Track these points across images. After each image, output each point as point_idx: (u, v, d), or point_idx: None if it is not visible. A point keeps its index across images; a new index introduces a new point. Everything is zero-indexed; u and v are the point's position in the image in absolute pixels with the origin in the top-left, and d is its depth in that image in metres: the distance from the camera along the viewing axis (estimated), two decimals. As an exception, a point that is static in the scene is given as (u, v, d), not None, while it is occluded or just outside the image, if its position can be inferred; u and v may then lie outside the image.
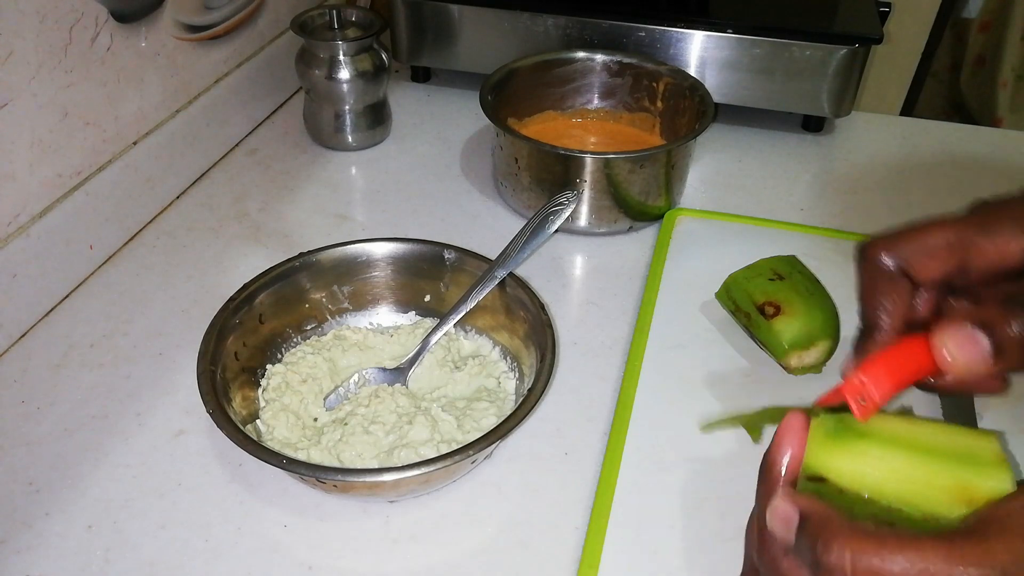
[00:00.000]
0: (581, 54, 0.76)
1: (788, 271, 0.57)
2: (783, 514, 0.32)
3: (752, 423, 0.42)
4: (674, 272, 0.64)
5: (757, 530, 0.35)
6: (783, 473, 0.34)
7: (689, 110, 0.73)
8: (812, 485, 0.33)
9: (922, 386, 0.37)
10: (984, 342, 0.32)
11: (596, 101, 0.79)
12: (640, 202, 0.68)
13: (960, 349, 0.33)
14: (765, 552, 0.33)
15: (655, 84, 0.75)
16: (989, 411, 0.53)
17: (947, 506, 0.31)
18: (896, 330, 0.37)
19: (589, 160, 0.64)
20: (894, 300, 0.36)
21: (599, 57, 0.76)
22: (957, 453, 0.33)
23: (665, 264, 0.64)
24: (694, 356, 0.57)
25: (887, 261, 0.36)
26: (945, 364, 0.33)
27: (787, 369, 0.54)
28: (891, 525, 0.31)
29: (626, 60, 0.76)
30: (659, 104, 0.76)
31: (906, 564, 0.29)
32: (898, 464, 0.33)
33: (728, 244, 0.67)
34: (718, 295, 0.59)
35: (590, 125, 0.79)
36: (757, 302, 0.55)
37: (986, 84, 1.64)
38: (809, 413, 0.35)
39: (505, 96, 0.73)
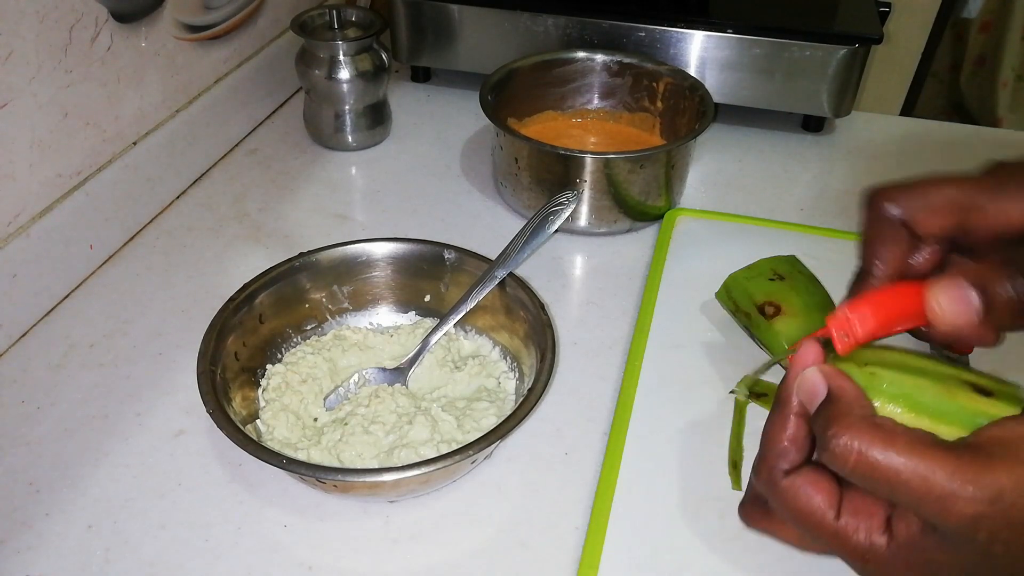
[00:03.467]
0: (581, 54, 0.76)
1: (788, 271, 0.57)
2: (812, 384, 0.33)
3: (759, 373, 0.43)
4: (674, 272, 0.64)
5: (761, 451, 0.35)
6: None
7: (689, 110, 0.73)
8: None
9: (916, 334, 0.38)
10: (975, 300, 0.33)
11: (596, 101, 0.79)
12: (640, 202, 0.68)
13: (950, 303, 0.34)
14: (765, 472, 0.34)
15: (655, 84, 0.75)
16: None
17: (962, 392, 0.32)
18: (889, 277, 0.38)
19: (589, 160, 0.64)
20: (891, 248, 0.37)
21: (599, 57, 0.76)
22: (964, 379, 0.33)
23: (665, 264, 0.64)
24: (694, 356, 0.57)
25: (890, 210, 0.37)
26: (933, 316, 0.34)
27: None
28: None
29: (626, 60, 0.76)
30: (659, 104, 0.76)
31: (907, 468, 0.29)
32: (911, 361, 0.34)
33: (728, 244, 0.67)
34: (718, 295, 0.59)
35: (590, 125, 0.79)
36: (757, 302, 0.55)
37: (986, 84, 1.64)
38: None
39: (505, 96, 0.73)
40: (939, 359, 0.34)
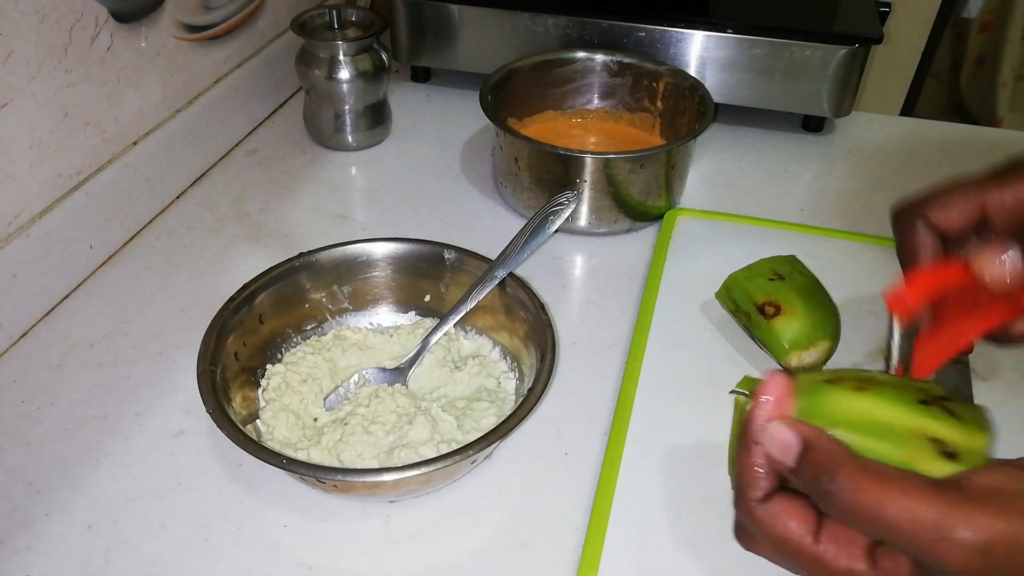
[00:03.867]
0: (581, 54, 0.76)
1: (788, 271, 0.57)
2: (783, 440, 0.33)
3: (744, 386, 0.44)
4: (674, 272, 0.64)
5: (734, 482, 0.35)
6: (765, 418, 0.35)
7: (689, 110, 0.73)
8: None
9: (995, 339, 0.41)
10: (1016, 252, 0.37)
11: (596, 101, 0.79)
12: (640, 202, 0.68)
13: (995, 262, 0.38)
14: (741, 502, 0.34)
15: (655, 84, 0.75)
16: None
17: (925, 456, 0.32)
18: (929, 263, 0.41)
19: (589, 160, 0.64)
20: (923, 248, 0.41)
21: (599, 57, 0.76)
22: (934, 414, 0.33)
23: (665, 264, 0.64)
24: (694, 356, 0.57)
25: (914, 219, 0.41)
26: (983, 272, 0.38)
27: (787, 369, 0.54)
28: None
29: (626, 60, 0.76)
30: (659, 104, 0.76)
31: (901, 510, 0.29)
32: (876, 412, 0.34)
33: (728, 244, 0.67)
34: (718, 295, 0.59)
35: (590, 125, 0.79)
36: (757, 302, 0.55)
37: (986, 84, 1.63)
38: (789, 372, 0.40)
39: (505, 96, 0.73)
40: (909, 394, 0.34)
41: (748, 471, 0.34)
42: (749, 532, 0.36)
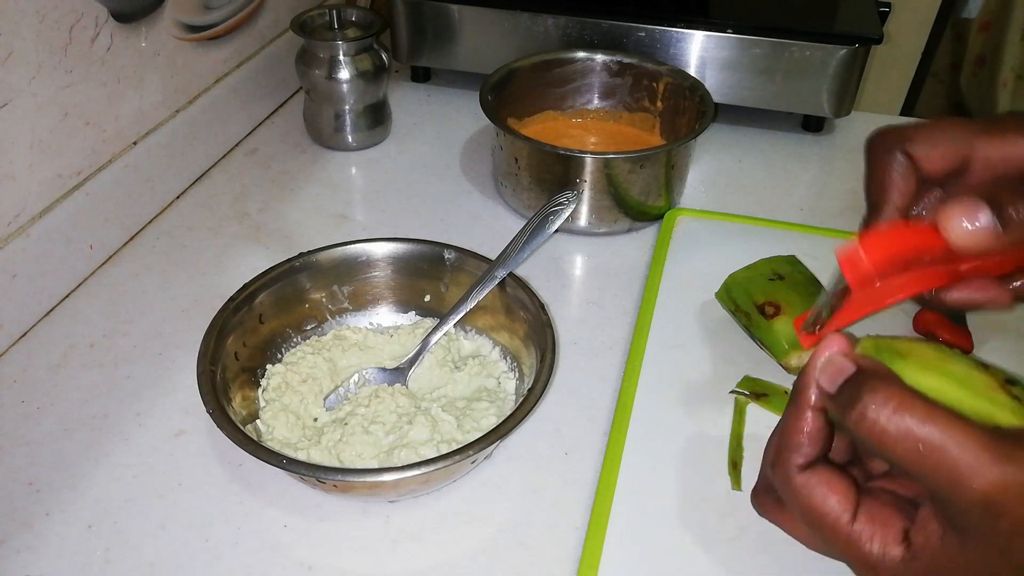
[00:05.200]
0: (581, 54, 0.76)
1: (788, 271, 0.57)
2: (839, 365, 0.31)
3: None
4: (674, 272, 0.64)
5: (776, 444, 0.34)
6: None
7: (689, 110, 0.73)
8: None
9: (924, 302, 0.37)
10: (989, 216, 0.32)
11: (596, 101, 0.79)
12: (640, 202, 0.68)
13: (965, 222, 0.33)
14: (780, 466, 0.33)
15: (655, 84, 0.75)
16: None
17: (1000, 407, 0.30)
18: (899, 210, 0.37)
19: (589, 160, 0.64)
20: (898, 184, 0.37)
21: (599, 57, 0.76)
22: (990, 382, 0.32)
23: (665, 264, 0.64)
24: (694, 356, 0.57)
25: (893, 149, 0.37)
26: (949, 234, 0.33)
27: (787, 369, 0.54)
28: None
29: (626, 60, 0.76)
30: (659, 104, 0.76)
31: (939, 439, 0.28)
32: (946, 391, 0.31)
33: (728, 244, 0.67)
34: (718, 295, 0.59)
35: (590, 125, 0.79)
36: (757, 302, 0.55)
37: (986, 84, 1.64)
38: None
39: (505, 96, 0.73)
40: (981, 377, 0.32)
41: (795, 435, 0.33)
42: (773, 498, 0.35)
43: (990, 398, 0.31)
